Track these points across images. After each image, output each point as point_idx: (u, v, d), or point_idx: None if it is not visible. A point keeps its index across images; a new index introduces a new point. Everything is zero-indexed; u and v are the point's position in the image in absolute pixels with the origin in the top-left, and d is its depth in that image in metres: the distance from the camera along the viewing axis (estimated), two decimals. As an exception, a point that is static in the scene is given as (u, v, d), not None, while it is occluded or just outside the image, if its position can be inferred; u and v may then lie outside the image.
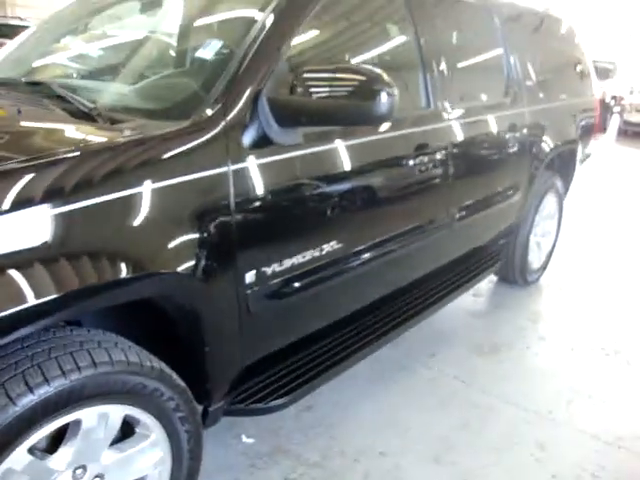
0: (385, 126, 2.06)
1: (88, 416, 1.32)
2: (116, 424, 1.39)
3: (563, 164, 3.82)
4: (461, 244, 2.83)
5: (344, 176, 1.89)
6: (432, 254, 2.60)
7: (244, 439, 2.23)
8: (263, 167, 1.61)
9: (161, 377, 1.44)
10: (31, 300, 1.14)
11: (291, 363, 2.02)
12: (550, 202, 3.74)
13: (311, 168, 1.77)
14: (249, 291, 1.64)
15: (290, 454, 2.16)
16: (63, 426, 1.31)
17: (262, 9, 1.76)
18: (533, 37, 3.38)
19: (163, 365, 1.47)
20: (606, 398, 2.60)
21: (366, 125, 1.75)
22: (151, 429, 1.48)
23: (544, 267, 3.91)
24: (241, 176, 1.55)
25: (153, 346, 1.53)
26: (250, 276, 1.63)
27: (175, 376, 1.50)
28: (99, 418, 1.35)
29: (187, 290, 1.48)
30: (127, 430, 1.47)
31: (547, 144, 3.30)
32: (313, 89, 1.60)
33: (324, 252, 1.86)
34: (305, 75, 1.60)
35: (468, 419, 2.41)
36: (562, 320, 3.35)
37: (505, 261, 3.51)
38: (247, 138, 1.58)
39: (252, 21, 1.73)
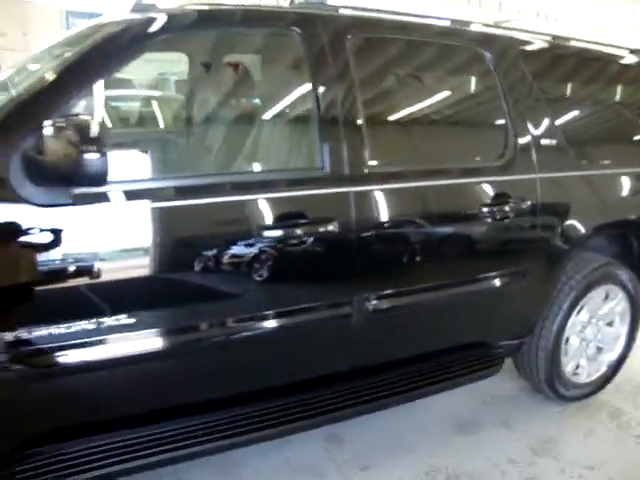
0: (226, 189, 1.76)
1: None
2: None
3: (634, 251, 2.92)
4: (394, 342, 2.26)
5: (128, 242, 1.63)
6: (321, 351, 2.10)
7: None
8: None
9: None
10: None
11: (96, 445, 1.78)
12: (609, 297, 2.85)
13: (69, 231, 1.55)
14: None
15: None
16: None
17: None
18: (573, 84, 2.66)
19: None
20: None
21: (85, 186, 1.48)
22: None
23: (603, 382, 2.97)
24: None
25: None
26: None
27: None
28: None
29: None
30: None
31: (582, 222, 2.52)
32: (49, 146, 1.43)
33: (104, 326, 1.61)
34: (42, 131, 1.44)
35: None
36: (582, 459, 2.47)
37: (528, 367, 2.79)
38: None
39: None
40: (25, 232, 1.51)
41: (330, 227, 1.89)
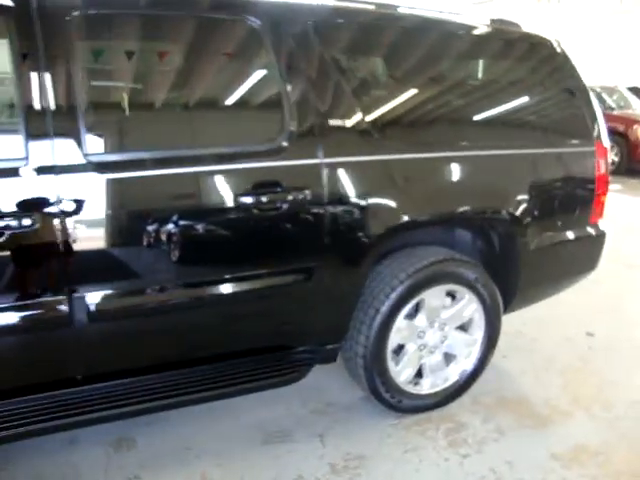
0: None
1: None
2: None
3: (494, 252, 2.63)
4: (137, 343, 2.06)
5: None
6: (48, 351, 1.93)
7: None
8: None
9: None
10: None
11: None
12: (456, 299, 2.56)
13: None
14: None
15: None
16: None
17: None
18: (392, 59, 2.37)
19: None
20: None
21: None
22: None
23: (453, 393, 2.66)
24: None
25: None
26: None
27: None
28: None
29: None
30: None
31: (393, 213, 2.23)
32: None
33: None
34: None
35: None
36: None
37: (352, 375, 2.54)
38: None
39: None
40: None
41: (29, 220, 1.72)
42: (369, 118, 2.21)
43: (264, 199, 2.01)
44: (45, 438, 2.29)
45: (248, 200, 2.00)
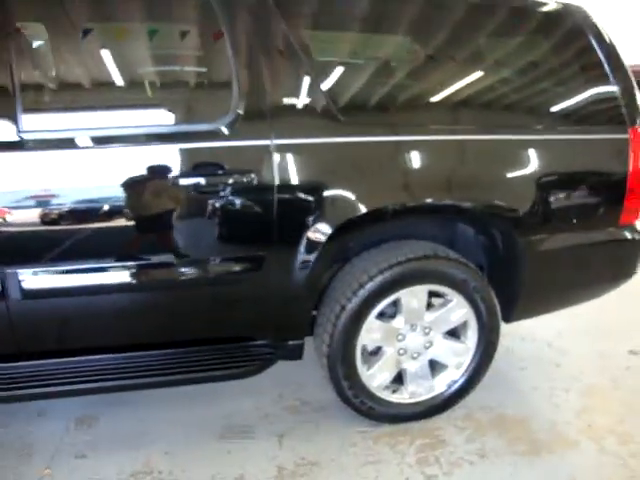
0: None
1: None
2: None
3: (497, 251, 2.33)
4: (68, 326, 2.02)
5: None
6: None
7: None
8: None
9: None
10: None
11: None
12: (445, 301, 2.29)
13: None
14: None
15: None
16: None
17: None
18: (362, 32, 2.13)
19: None
20: None
21: None
22: None
23: (440, 405, 2.39)
24: None
25: None
26: None
27: None
28: None
29: None
30: None
31: (355, 202, 1.99)
32: None
33: None
34: None
35: None
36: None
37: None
38: None
39: None
40: None
41: None
42: (335, 99, 2.00)
43: (214, 182, 1.89)
44: (18, 408, 2.38)
45: (193, 182, 1.88)
